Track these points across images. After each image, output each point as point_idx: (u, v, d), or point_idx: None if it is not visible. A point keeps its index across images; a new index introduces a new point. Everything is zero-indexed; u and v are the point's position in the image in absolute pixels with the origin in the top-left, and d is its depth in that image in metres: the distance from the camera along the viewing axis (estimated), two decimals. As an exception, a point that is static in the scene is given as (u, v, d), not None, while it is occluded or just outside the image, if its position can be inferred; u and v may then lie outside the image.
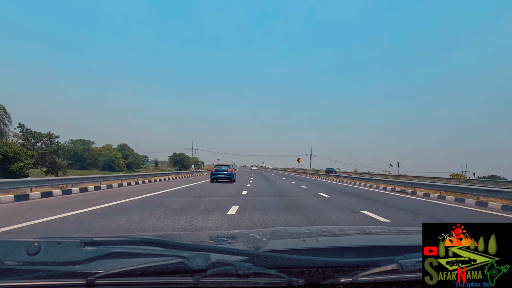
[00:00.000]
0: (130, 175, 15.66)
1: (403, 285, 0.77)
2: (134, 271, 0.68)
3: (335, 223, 5.22)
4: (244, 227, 4.64)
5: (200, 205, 6.92)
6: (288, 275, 0.73)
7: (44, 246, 0.70)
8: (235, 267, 0.71)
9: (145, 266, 0.69)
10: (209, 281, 0.70)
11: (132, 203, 7.35)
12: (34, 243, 0.70)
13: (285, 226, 4.96)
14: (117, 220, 4.89)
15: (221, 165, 18.26)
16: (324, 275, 0.75)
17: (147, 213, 5.68)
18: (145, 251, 0.75)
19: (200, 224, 4.77)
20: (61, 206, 6.48)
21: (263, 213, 5.94)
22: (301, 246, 1.18)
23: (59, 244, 0.71)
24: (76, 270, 0.66)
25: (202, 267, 0.70)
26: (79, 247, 0.71)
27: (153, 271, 0.69)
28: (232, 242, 1.28)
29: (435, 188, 12.46)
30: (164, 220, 4.98)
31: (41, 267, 0.66)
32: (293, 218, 5.48)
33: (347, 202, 8.75)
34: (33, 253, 0.68)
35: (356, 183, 20.63)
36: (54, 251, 0.70)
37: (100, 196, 8.67)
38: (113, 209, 6.25)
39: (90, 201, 7.46)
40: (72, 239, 0.73)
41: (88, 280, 0.64)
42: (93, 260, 0.69)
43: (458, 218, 6.66)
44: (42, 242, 0.71)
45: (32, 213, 5.47)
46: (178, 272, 0.70)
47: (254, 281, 0.71)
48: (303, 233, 1.47)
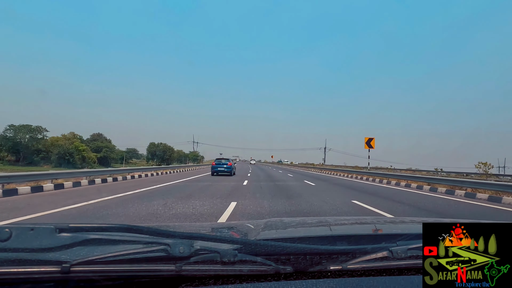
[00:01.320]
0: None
1: (392, 272, 0.76)
2: (113, 258, 0.65)
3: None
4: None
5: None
6: (276, 262, 0.72)
7: (15, 232, 0.66)
8: (220, 254, 0.69)
9: (124, 253, 0.66)
10: (192, 268, 0.67)
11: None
12: (4, 229, 0.66)
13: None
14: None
15: (221, 159, 18.86)
16: (312, 262, 0.73)
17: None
18: (124, 237, 0.71)
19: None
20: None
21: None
22: (292, 235, 1.16)
23: (32, 230, 0.68)
24: (50, 258, 0.63)
25: (185, 254, 0.67)
26: (53, 233, 0.67)
27: (133, 258, 0.66)
28: (223, 232, 1.25)
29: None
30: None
31: (12, 254, 0.63)
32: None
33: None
34: (3, 239, 0.64)
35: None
36: (26, 237, 0.66)
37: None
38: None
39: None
40: (46, 225, 0.68)
41: (63, 267, 0.61)
42: (68, 247, 0.66)
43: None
44: (13, 228, 0.67)
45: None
46: (161, 260, 0.67)
47: (240, 269, 0.69)
48: (297, 223, 1.46)
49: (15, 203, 6.15)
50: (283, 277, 0.72)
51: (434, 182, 12.67)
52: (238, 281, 0.70)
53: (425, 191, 11.62)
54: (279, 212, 5.47)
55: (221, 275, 0.70)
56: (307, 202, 6.89)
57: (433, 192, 11.12)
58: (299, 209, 5.93)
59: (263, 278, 0.71)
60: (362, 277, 0.74)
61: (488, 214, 6.63)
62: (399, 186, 13.63)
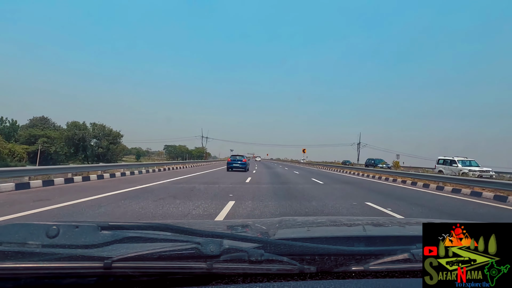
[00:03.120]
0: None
1: (416, 274, 0.77)
2: (150, 255, 0.69)
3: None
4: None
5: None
6: (300, 262, 0.74)
7: (62, 230, 0.71)
8: (247, 253, 0.72)
9: (160, 251, 0.70)
10: (222, 266, 0.71)
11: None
12: (52, 226, 0.71)
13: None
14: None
15: (236, 155, 20.09)
16: (336, 263, 0.76)
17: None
18: (159, 236, 0.76)
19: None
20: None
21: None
22: (311, 235, 1.20)
23: (77, 227, 0.73)
24: (93, 253, 0.68)
25: (216, 252, 0.71)
26: (96, 231, 0.72)
27: (168, 256, 0.70)
28: (243, 230, 1.30)
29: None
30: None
31: (60, 250, 0.67)
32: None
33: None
34: (52, 236, 0.69)
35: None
36: (72, 235, 0.71)
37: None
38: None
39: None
40: (89, 223, 0.74)
41: (105, 263, 0.65)
42: (109, 244, 0.70)
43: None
44: (61, 225, 0.72)
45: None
46: (192, 258, 0.71)
47: (267, 268, 0.72)
48: (312, 222, 1.50)
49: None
50: (309, 276, 0.74)
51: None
52: (265, 280, 0.73)
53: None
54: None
55: (249, 274, 0.73)
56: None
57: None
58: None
59: (289, 277, 0.74)
60: (386, 278, 0.76)
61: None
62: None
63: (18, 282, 0.65)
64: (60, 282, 0.67)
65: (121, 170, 14.12)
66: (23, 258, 0.65)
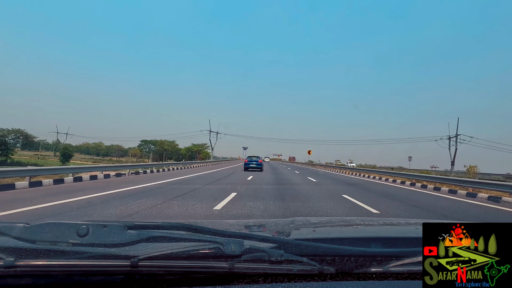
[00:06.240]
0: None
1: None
2: (174, 254, 0.71)
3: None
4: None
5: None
6: (320, 263, 0.75)
7: (91, 229, 0.73)
8: (267, 253, 0.73)
9: (183, 250, 0.72)
10: (243, 266, 0.72)
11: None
12: (82, 226, 0.73)
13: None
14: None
15: (252, 156, 22.19)
16: (356, 264, 0.76)
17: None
18: (183, 236, 0.77)
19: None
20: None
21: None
22: (328, 236, 1.20)
23: (105, 227, 0.75)
24: (121, 252, 0.70)
25: (237, 252, 0.72)
26: (123, 230, 0.74)
27: (191, 255, 0.72)
28: (259, 230, 1.31)
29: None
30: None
31: (89, 249, 0.69)
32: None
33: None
34: (82, 235, 0.72)
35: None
36: (100, 234, 0.73)
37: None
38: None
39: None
40: (116, 223, 0.76)
41: (132, 261, 0.67)
42: (135, 243, 0.72)
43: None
44: (90, 224, 0.74)
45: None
46: (214, 257, 0.72)
47: (287, 268, 0.73)
48: (325, 222, 1.51)
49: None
50: (329, 277, 0.75)
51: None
52: (286, 280, 0.74)
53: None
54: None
55: (269, 274, 0.74)
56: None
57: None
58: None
59: (309, 278, 0.74)
60: (408, 280, 0.76)
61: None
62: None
63: (50, 279, 0.67)
64: (89, 279, 0.69)
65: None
66: (55, 256, 0.67)
